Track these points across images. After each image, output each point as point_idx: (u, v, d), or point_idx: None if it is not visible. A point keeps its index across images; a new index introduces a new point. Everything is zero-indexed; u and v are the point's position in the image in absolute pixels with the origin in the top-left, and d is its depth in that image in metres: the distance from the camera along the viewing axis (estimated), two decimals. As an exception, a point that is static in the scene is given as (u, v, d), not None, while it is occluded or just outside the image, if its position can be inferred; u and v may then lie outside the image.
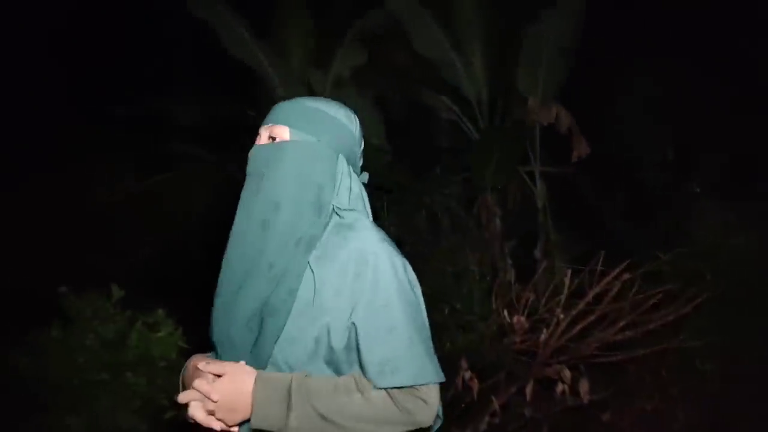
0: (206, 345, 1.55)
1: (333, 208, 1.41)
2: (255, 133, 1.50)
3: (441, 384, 1.35)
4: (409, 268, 1.39)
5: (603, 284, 3.54)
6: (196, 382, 1.30)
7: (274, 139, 1.44)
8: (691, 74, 6.02)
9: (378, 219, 6.75)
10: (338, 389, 1.29)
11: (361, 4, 6.35)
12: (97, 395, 3.64)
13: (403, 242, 6.49)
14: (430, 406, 1.31)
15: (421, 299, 1.39)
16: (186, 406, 1.32)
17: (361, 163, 1.53)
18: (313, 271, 1.34)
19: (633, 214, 6.23)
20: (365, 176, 1.53)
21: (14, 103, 6.95)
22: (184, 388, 1.42)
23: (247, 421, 1.29)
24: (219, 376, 1.31)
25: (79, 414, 3.67)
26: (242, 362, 1.33)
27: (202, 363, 1.34)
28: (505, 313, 3.58)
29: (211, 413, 1.29)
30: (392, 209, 6.53)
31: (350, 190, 1.44)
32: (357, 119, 1.52)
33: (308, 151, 1.41)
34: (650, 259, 4.02)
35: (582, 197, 6.53)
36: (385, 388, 1.29)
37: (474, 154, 6.01)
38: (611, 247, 3.89)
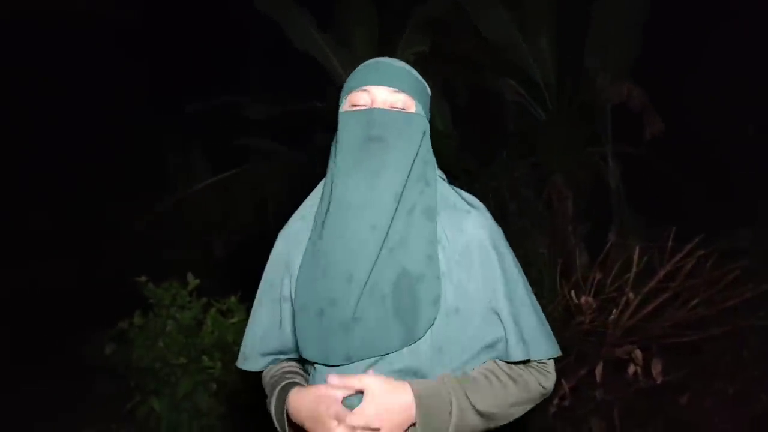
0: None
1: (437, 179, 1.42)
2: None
3: None
4: None
5: (675, 261, 3.42)
6: (353, 419, 1.22)
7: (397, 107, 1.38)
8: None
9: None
10: (492, 382, 1.32)
11: (423, -11, 6.33)
12: (177, 378, 3.81)
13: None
14: (553, 376, 1.43)
15: None
16: None
17: None
18: (448, 240, 1.35)
19: (711, 192, 5.96)
20: None
21: (93, 100, 7.33)
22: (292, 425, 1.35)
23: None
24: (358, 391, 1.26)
25: (161, 396, 3.86)
26: (387, 377, 1.27)
27: (339, 392, 1.26)
28: (572, 293, 3.51)
29: None
30: (460, 195, 6.48)
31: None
32: None
33: (426, 127, 1.41)
34: (728, 236, 3.88)
35: (657, 177, 6.30)
36: (526, 366, 1.38)
37: (541, 136, 5.90)
38: (689, 227, 3.75)
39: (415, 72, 1.45)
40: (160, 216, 6.35)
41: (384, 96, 1.36)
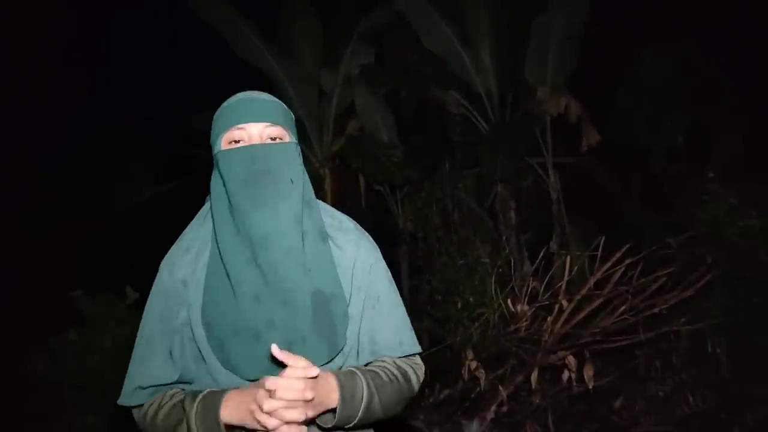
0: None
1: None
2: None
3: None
4: None
5: (603, 270, 3.54)
6: (293, 384, 1.24)
7: (274, 139, 1.44)
8: (700, 59, 5.95)
9: (392, 215, 6.76)
10: (391, 380, 1.44)
11: (368, 1, 6.38)
12: (114, 394, 3.74)
13: (416, 237, 6.56)
14: (422, 367, 1.56)
15: None
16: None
17: None
18: (344, 260, 1.48)
19: (647, 201, 6.17)
20: None
21: (32, 109, 7.13)
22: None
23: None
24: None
25: (98, 413, 3.78)
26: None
27: (299, 367, 1.25)
28: (509, 301, 3.59)
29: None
30: (405, 205, 6.59)
31: None
32: None
33: (300, 152, 1.49)
34: (661, 245, 4.03)
35: (596, 187, 6.48)
36: (403, 361, 1.51)
37: (484, 147, 5.99)
38: (628, 235, 3.88)
39: (280, 102, 1.51)
40: (100, 227, 6.23)
41: (260, 131, 1.42)
